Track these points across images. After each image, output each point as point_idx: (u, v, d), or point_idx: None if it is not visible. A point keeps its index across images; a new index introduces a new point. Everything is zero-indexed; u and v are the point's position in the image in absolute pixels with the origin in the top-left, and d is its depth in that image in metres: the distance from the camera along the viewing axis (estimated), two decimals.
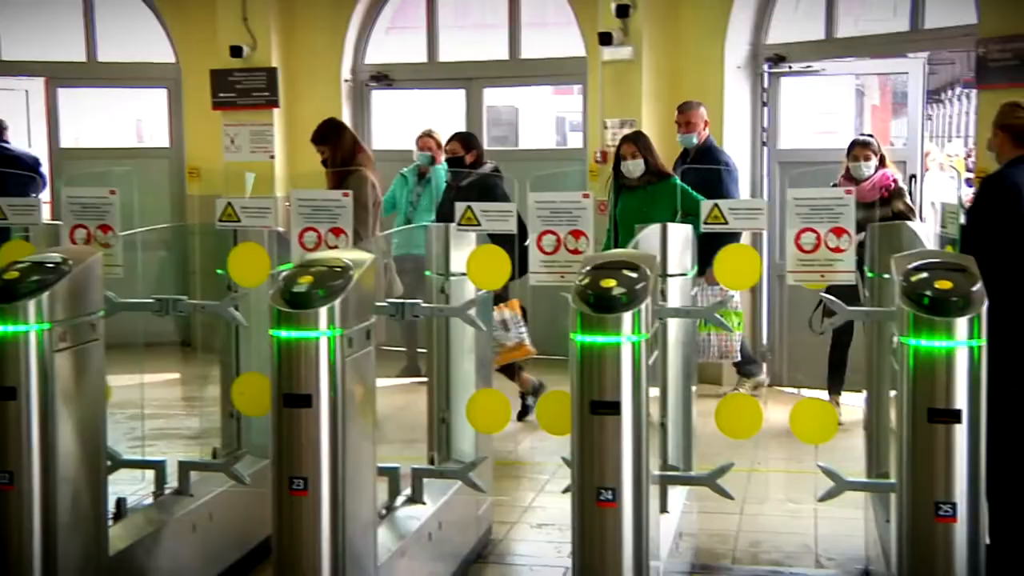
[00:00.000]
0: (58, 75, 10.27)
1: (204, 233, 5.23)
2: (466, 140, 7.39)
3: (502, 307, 6.42)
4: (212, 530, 4.65)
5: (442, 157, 8.47)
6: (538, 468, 5.80)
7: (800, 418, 4.00)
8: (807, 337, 6.37)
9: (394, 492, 4.48)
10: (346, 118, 9.90)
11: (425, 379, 4.73)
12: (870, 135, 7.34)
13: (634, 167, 6.75)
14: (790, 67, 8.32)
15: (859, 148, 7.06)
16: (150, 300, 4.46)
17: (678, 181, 6.54)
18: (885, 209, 6.80)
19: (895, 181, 7.01)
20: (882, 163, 7.03)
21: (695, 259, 4.76)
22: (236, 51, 9.52)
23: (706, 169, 6.95)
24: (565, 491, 3.67)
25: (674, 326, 4.59)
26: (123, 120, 13.31)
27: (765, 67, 8.40)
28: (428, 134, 8.60)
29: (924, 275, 3.44)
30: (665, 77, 8.56)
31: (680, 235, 4.71)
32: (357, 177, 6.26)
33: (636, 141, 6.95)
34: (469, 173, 6.95)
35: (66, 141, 10.43)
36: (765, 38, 8.49)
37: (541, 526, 5.44)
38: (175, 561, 4.41)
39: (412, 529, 4.32)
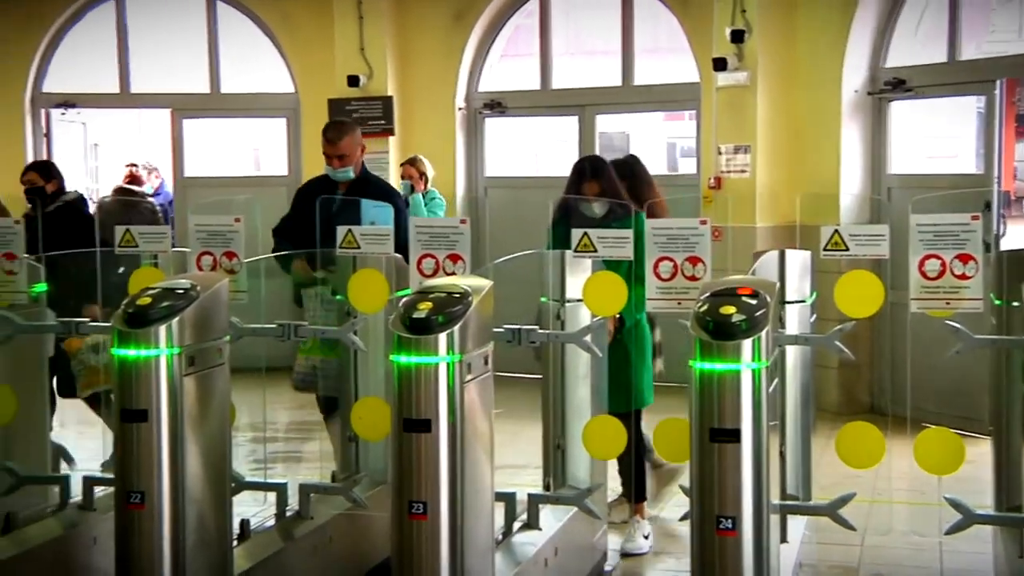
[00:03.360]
0: (183, 107, 10.60)
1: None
2: (45, 169, 7.18)
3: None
4: (331, 552, 4.71)
5: (423, 186, 8.43)
6: (652, 495, 5.76)
7: (925, 448, 3.90)
8: (929, 367, 6.22)
9: (511, 518, 4.49)
10: (460, 145, 10.04)
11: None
12: None
13: (600, 208, 5.44)
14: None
15: None
16: (273, 325, 4.56)
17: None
18: None
19: None
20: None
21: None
22: (353, 80, 9.72)
23: (378, 204, 5.56)
24: (683, 519, 3.65)
25: (792, 353, 4.53)
26: (242, 149, 13.70)
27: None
28: (410, 162, 8.57)
29: None
30: (781, 102, 8.48)
31: (799, 261, 4.66)
32: None
33: (597, 177, 5.53)
34: (53, 201, 6.72)
35: (189, 170, 10.74)
36: (884, 62, 8.36)
37: (657, 554, 5.40)
38: None
39: (528, 555, 4.32)
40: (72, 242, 5.00)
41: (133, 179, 9.63)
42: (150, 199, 9.42)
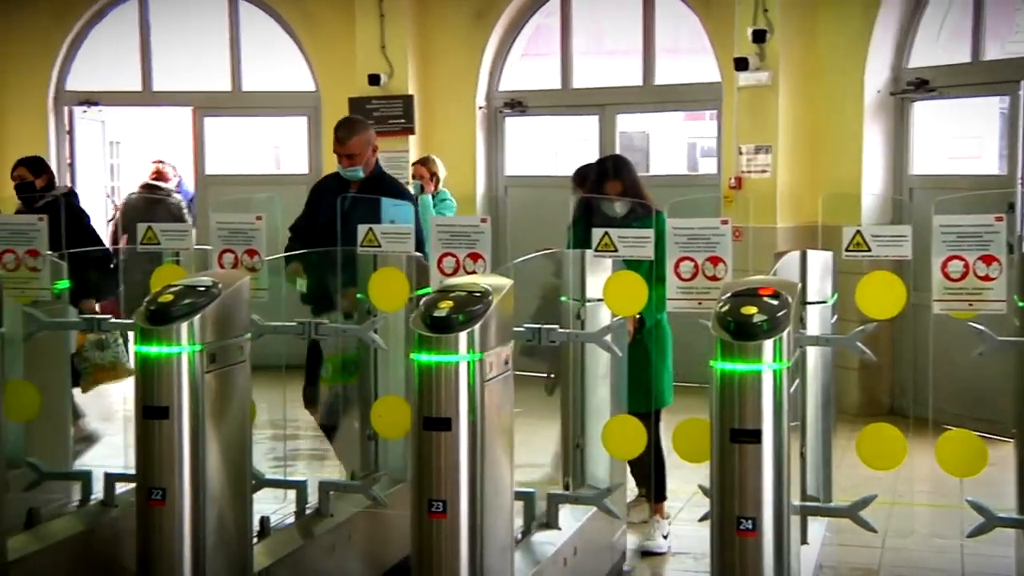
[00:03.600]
0: (205, 105, 10.64)
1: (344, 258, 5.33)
2: (34, 165, 7.14)
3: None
4: (351, 550, 4.72)
5: (432, 187, 8.40)
6: (672, 495, 5.74)
7: (947, 451, 3.88)
8: (951, 369, 6.19)
9: (530, 517, 4.49)
10: (480, 144, 10.05)
11: None
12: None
13: (621, 207, 5.43)
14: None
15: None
16: (293, 323, 4.57)
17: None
18: None
19: None
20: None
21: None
22: (374, 79, 9.73)
23: (397, 202, 5.48)
24: (702, 519, 3.64)
25: (813, 354, 4.52)
26: (262, 147, 13.74)
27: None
28: (422, 162, 8.54)
29: None
30: (802, 102, 8.45)
31: (820, 261, 4.64)
32: None
33: (620, 176, 5.52)
34: (42, 196, 6.68)
35: (211, 168, 10.78)
36: (907, 62, 8.32)
37: (675, 554, 5.39)
38: None
39: (548, 554, 4.32)
40: (61, 236, 5.00)
41: (159, 175, 9.67)
42: (176, 195, 9.48)
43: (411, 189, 8.13)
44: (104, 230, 10.89)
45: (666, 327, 5.50)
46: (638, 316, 5.09)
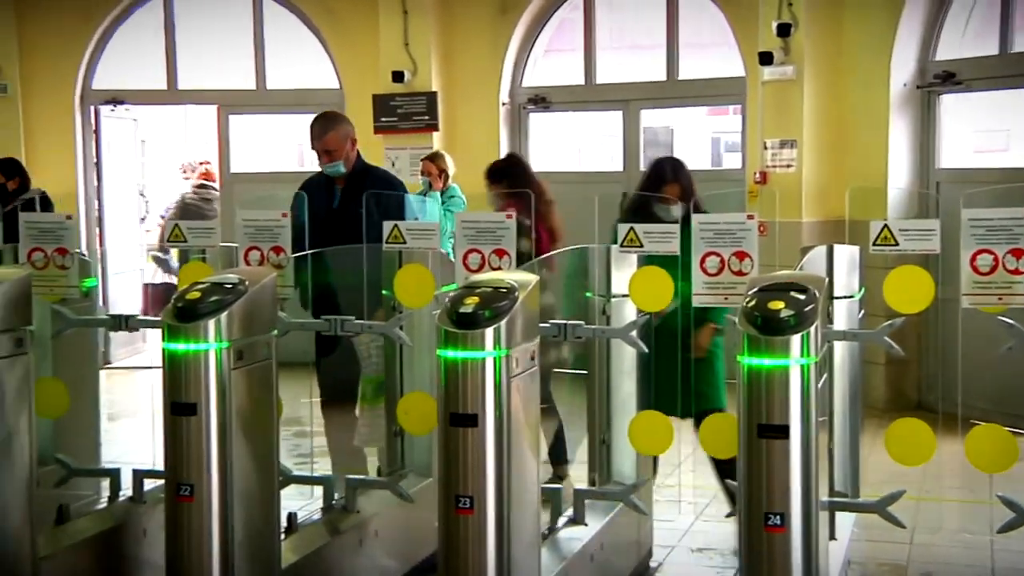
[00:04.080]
0: (229, 103, 10.68)
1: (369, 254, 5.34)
2: (7, 167, 7.08)
3: None
4: (378, 546, 4.73)
5: (441, 183, 8.36)
6: (699, 491, 5.74)
7: (977, 445, 3.86)
8: (980, 364, 6.14)
9: (556, 513, 4.49)
10: (504, 140, 10.04)
11: None
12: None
13: (678, 210, 5.33)
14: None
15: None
16: (319, 320, 4.58)
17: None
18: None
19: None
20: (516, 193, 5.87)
21: None
22: (398, 76, 9.75)
23: (385, 193, 5.48)
24: (729, 515, 3.63)
25: (840, 349, 4.49)
26: (286, 145, 13.78)
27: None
28: (431, 158, 8.51)
29: None
30: (827, 96, 8.41)
31: (847, 256, 4.62)
32: None
33: (678, 179, 5.50)
34: (15, 199, 6.64)
35: (235, 166, 10.82)
36: (933, 55, 8.26)
37: (702, 550, 5.38)
38: None
39: (574, 550, 4.32)
40: None
41: (208, 176, 9.86)
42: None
43: (420, 185, 8.15)
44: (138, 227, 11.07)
45: None
46: (716, 327, 5.13)
